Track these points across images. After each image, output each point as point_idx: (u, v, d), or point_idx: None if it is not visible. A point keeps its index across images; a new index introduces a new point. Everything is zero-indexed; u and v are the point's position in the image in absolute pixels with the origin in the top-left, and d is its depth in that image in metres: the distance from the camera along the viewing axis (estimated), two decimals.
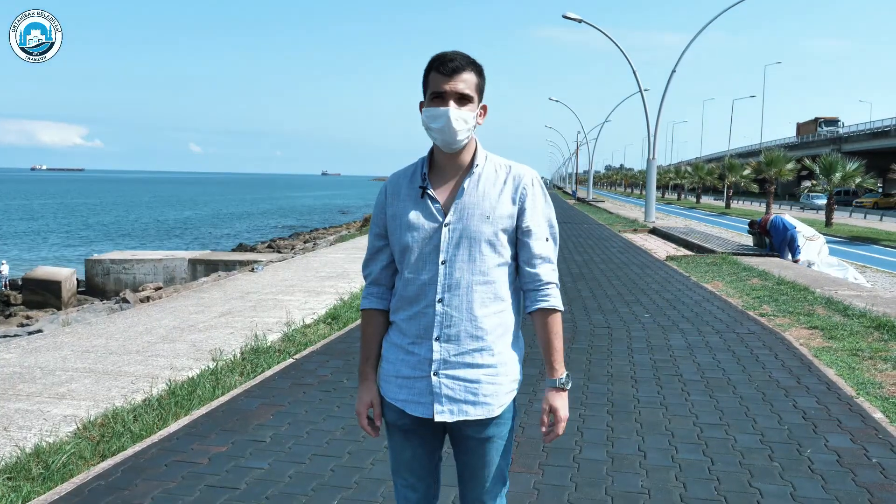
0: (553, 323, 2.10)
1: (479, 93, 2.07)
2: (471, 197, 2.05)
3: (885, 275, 16.84)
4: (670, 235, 20.01)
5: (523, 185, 2.08)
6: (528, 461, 3.88)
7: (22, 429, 4.50)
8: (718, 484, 3.64)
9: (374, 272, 2.19)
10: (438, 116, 2.01)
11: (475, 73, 2.05)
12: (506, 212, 2.06)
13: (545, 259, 2.10)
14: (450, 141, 2.03)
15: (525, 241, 2.09)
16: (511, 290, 2.12)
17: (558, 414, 2.09)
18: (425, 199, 2.08)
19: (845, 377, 5.53)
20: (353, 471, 3.77)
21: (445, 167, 2.11)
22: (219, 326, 7.56)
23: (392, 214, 2.12)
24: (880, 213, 40.70)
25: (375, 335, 2.19)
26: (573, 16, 27.26)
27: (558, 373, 2.09)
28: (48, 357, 6.26)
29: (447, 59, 2.01)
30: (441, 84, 2.01)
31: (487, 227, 2.03)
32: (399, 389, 2.10)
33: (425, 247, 2.05)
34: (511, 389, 2.11)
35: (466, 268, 2.03)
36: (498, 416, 2.09)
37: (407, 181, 2.14)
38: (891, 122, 59.04)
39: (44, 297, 18.43)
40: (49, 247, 37.91)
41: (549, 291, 2.10)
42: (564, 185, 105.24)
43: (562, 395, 2.10)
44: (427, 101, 2.05)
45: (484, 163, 2.11)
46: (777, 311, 8.28)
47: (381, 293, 2.19)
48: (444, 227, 2.04)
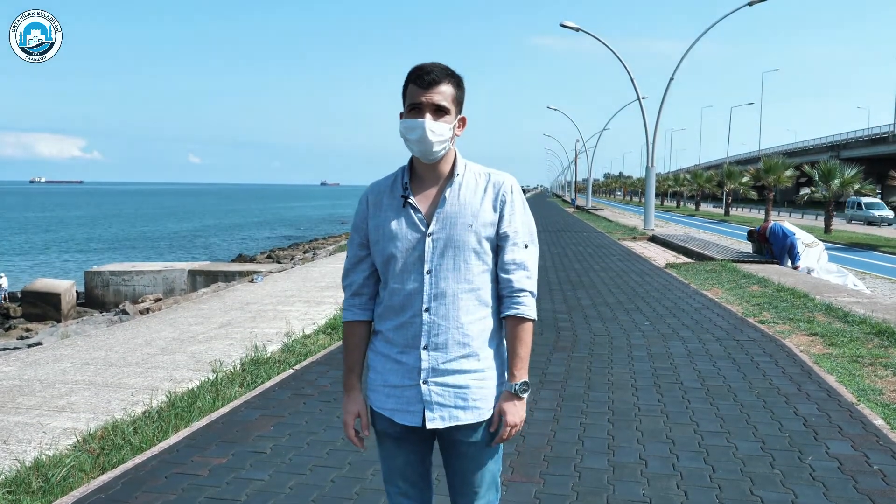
0: (520, 331, 2.10)
1: (456, 104, 2.09)
2: (452, 206, 2.07)
3: (884, 281, 16.84)
4: (669, 243, 20.00)
5: (503, 192, 2.10)
6: (528, 470, 3.87)
7: (21, 442, 4.49)
8: (720, 492, 3.63)
9: (355, 282, 2.20)
10: (414, 128, 2.02)
11: (453, 85, 2.07)
12: (487, 219, 2.08)
13: (520, 265, 2.11)
14: (426, 152, 2.05)
15: (502, 246, 2.11)
16: (494, 296, 2.13)
17: (505, 418, 2.08)
18: (407, 208, 2.09)
19: (846, 384, 5.52)
20: (354, 481, 3.76)
21: (425, 177, 2.13)
22: (219, 337, 7.55)
23: (374, 225, 2.13)
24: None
25: (359, 346, 2.21)
26: (570, 24, 27.34)
27: (515, 378, 2.09)
28: (48, 370, 6.25)
29: (425, 72, 2.03)
30: (418, 96, 2.03)
31: (471, 236, 2.05)
32: (387, 399, 2.12)
33: (409, 257, 2.06)
34: (497, 393, 2.13)
35: (452, 276, 2.05)
36: (488, 419, 2.11)
37: (388, 191, 2.15)
38: (889, 129, 59.18)
39: (43, 309, 18.41)
40: (48, 259, 37.89)
41: (520, 299, 2.10)
42: (563, 194, 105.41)
43: (513, 401, 2.09)
44: (405, 113, 2.07)
45: (464, 171, 2.13)
46: (777, 318, 8.27)
47: (363, 304, 2.20)
48: (428, 237, 2.05)
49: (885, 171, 38.58)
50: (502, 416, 2.09)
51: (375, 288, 2.19)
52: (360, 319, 2.20)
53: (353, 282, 2.20)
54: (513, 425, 2.09)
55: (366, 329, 2.20)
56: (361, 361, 2.21)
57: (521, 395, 2.09)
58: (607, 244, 20.44)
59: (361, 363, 2.22)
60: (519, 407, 2.10)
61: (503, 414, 2.09)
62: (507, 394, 2.10)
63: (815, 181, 33.20)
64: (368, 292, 2.19)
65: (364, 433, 2.21)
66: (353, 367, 2.21)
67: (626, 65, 27.53)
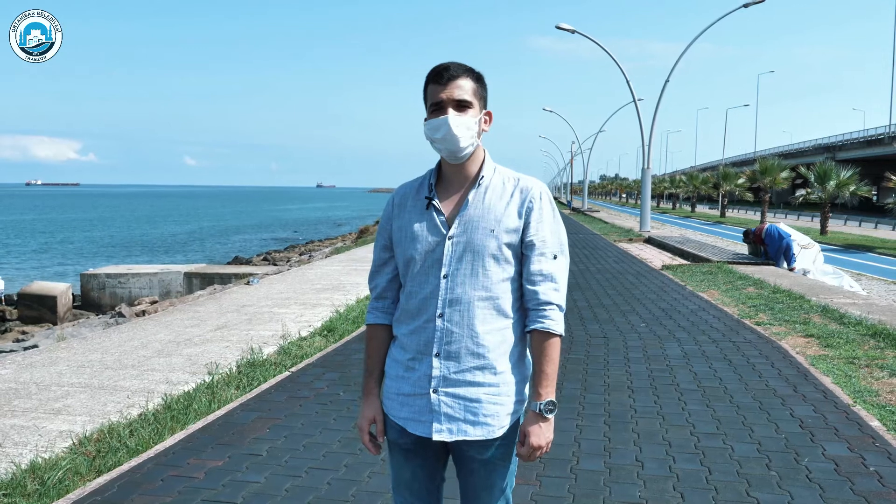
0: (547, 347, 2.00)
1: (479, 99, 2.03)
2: (476, 209, 2.00)
3: (880, 282, 16.87)
4: (665, 245, 20.04)
5: (530, 198, 2.02)
6: (525, 473, 3.87)
7: (17, 445, 4.48)
8: (716, 493, 3.63)
9: (380, 285, 2.15)
10: (439, 126, 1.97)
11: (472, 80, 2.02)
12: (511, 225, 2.00)
13: (547, 277, 2.01)
14: (453, 150, 2.00)
15: (528, 255, 2.01)
16: (517, 308, 2.05)
17: (530, 440, 1.99)
18: (430, 210, 2.03)
19: (842, 385, 5.53)
20: (350, 484, 3.76)
21: (452, 179, 2.07)
22: (215, 340, 7.54)
23: (398, 226, 2.08)
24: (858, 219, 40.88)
25: (380, 350, 2.15)
26: (566, 26, 27.38)
27: (541, 397, 1.98)
28: (44, 372, 6.24)
29: (442, 69, 1.99)
30: (438, 93, 1.98)
31: (492, 241, 1.98)
32: (401, 407, 2.06)
33: (427, 259, 2.01)
34: (513, 410, 2.04)
35: (468, 282, 1.98)
36: (500, 437, 2.02)
37: (414, 192, 2.10)
38: (885, 131, 59.33)
39: (39, 312, 18.36)
40: (45, 262, 37.80)
41: (546, 312, 2.00)
42: (559, 195, 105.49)
43: (538, 422, 1.99)
44: (428, 114, 2.02)
45: (491, 174, 2.06)
46: (773, 320, 8.29)
47: (387, 307, 2.15)
48: (448, 240, 1.99)
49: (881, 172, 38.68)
50: (527, 437, 1.99)
51: (399, 292, 2.13)
52: (381, 323, 2.14)
53: (378, 284, 2.16)
54: (538, 447, 1.99)
55: (387, 333, 2.15)
56: (381, 366, 2.16)
57: (547, 415, 1.98)
58: (603, 246, 20.46)
59: (381, 367, 2.16)
60: (545, 428, 1.99)
61: (527, 435, 1.99)
62: (532, 414, 1.99)
63: (811, 183, 33.28)
64: (392, 296, 2.14)
65: (379, 439, 2.15)
66: (373, 371, 2.16)
67: (621, 67, 27.60)
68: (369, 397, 2.15)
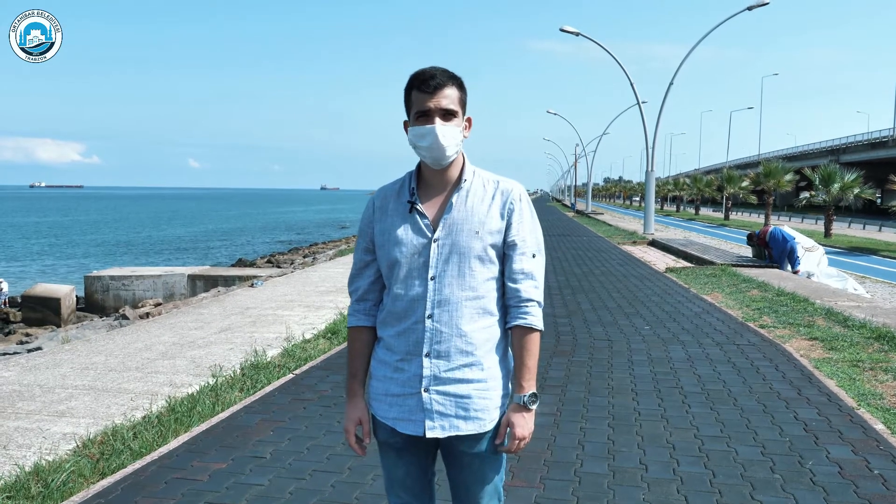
0: (528, 342, 2.08)
1: (462, 106, 2.07)
2: (459, 212, 2.05)
3: (884, 285, 16.84)
4: (669, 247, 20.02)
5: (511, 200, 2.08)
6: (529, 475, 3.87)
7: (21, 447, 4.49)
8: (720, 497, 3.63)
9: (361, 288, 2.19)
10: (426, 134, 2.01)
11: (457, 88, 2.05)
12: (495, 227, 2.05)
13: (527, 275, 2.08)
14: (439, 157, 2.04)
15: (510, 254, 2.08)
16: (500, 305, 2.11)
17: (513, 431, 2.06)
18: (414, 214, 2.07)
19: (846, 388, 5.52)
20: (354, 486, 3.76)
21: (433, 182, 2.11)
22: (218, 342, 7.55)
23: (380, 230, 2.11)
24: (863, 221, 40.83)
25: (363, 352, 2.19)
26: (570, 29, 27.40)
27: (523, 390, 2.06)
28: (47, 375, 6.25)
29: (428, 77, 2.02)
30: (425, 102, 2.01)
31: (477, 243, 2.03)
32: (389, 408, 2.10)
33: (414, 262, 2.04)
34: (501, 404, 2.11)
35: (456, 283, 2.03)
36: (490, 430, 2.09)
37: (395, 196, 2.13)
38: (889, 133, 59.23)
39: (43, 314, 18.40)
40: (48, 264, 37.88)
41: (528, 309, 2.08)
42: (563, 198, 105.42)
43: (521, 413, 2.07)
44: (412, 121, 2.05)
45: (472, 178, 2.11)
46: (777, 323, 8.27)
47: (368, 310, 2.19)
48: (434, 243, 2.04)
49: (885, 175, 38.62)
50: (510, 428, 2.06)
51: (381, 294, 2.17)
52: (364, 325, 2.18)
53: (359, 287, 2.19)
54: (521, 438, 2.06)
55: (370, 335, 2.19)
56: (365, 368, 2.20)
57: (530, 406, 2.06)
58: (607, 248, 20.44)
59: (365, 369, 2.20)
60: (527, 419, 2.07)
61: (511, 426, 2.06)
62: (515, 406, 2.07)
63: (815, 185, 33.21)
64: (374, 298, 2.18)
65: (365, 441, 2.19)
66: (356, 373, 2.19)
67: (625, 69, 27.59)
68: (354, 399, 2.19)
